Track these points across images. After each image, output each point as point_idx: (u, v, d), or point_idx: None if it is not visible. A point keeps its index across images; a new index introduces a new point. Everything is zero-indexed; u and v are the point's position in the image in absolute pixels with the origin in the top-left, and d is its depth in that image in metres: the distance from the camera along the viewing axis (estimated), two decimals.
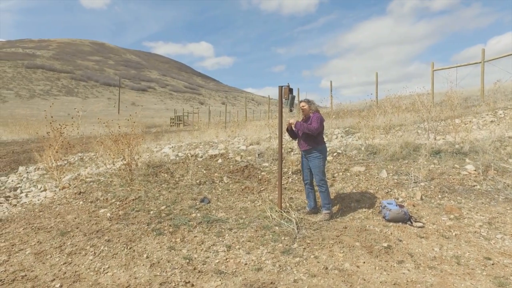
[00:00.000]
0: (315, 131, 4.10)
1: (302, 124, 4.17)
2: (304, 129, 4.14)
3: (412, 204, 4.69)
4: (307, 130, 4.12)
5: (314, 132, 4.11)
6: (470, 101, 13.22)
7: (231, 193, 5.25)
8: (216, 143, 9.10)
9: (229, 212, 4.49)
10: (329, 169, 6.02)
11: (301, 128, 4.17)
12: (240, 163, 6.39)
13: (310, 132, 4.12)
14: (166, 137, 15.26)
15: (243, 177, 5.75)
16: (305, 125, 4.14)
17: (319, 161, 4.23)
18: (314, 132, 4.11)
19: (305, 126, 4.13)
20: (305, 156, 4.38)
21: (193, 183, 5.55)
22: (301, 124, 4.18)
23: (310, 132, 4.14)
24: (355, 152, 6.69)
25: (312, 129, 4.10)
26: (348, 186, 5.32)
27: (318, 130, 4.12)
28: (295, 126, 4.23)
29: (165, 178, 5.84)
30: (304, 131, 4.17)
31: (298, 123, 4.20)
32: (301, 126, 4.16)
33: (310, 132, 4.12)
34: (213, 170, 6.16)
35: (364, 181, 5.47)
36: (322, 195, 4.29)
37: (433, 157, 6.34)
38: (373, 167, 6.00)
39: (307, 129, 4.12)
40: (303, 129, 4.15)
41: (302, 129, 4.16)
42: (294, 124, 4.23)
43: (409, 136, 7.45)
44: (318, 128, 4.11)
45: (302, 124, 4.17)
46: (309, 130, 4.12)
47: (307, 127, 4.12)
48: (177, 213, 4.41)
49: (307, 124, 4.17)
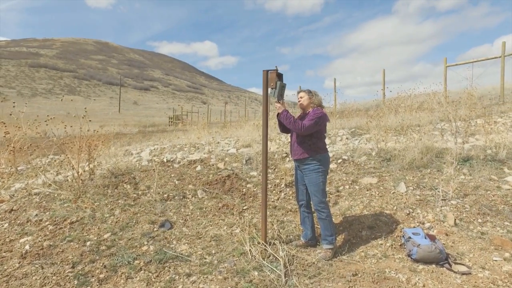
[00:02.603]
0: (303, 131, 2.91)
1: (287, 116, 2.96)
2: (288, 124, 2.95)
3: (445, 232, 3.45)
4: (292, 126, 2.93)
5: (302, 132, 2.93)
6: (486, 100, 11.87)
7: (204, 213, 4.05)
8: (204, 145, 7.92)
9: (195, 244, 3.29)
10: (333, 181, 4.79)
11: (284, 120, 2.98)
12: (222, 172, 5.18)
13: (296, 130, 2.94)
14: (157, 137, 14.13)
15: (223, 191, 4.55)
16: (290, 118, 2.94)
17: (317, 176, 3.01)
18: (302, 132, 2.93)
19: (291, 119, 2.93)
20: (299, 168, 3.18)
21: (158, 198, 4.36)
22: (286, 115, 2.97)
23: (296, 131, 2.95)
24: (364, 159, 5.46)
25: (299, 127, 2.90)
26: (357, 205, 4.09)
27: (308, 130, 2.92)
28: (279, 116, 3.04)
29: (126, 190, 4.65)
30: (288, 126, 2.97)
31: (284, 113, 3.00)
32: (286, 118, 2.96)
33: (296, 130, 2.94)
34: (188, 180, 4.96)
35: (378, 198, 4.24)
36: (322, 223, 3.07)
37: (462, 165, 5.09)
38: (387, 178, 4.77)
39: (292, 125, 2.93)
40: (287, 123, 2.96)
41: (286, 122, 2.97)
42: (280, 112, 3.03)
43: (429, 139, 6.20)
44: (308, 128, 2.91)
45: (287, 115, 2.96)
46: (294, 127, 2.92)
47: (293, 123, 2.92)
48: (122, 244, 3.21)
49: (295, 118, 2.97)
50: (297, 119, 2.95)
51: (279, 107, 3.02)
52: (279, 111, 3.02)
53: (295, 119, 2.92)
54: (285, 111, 2.97)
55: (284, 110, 2.99)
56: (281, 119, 2.98)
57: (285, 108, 3.02)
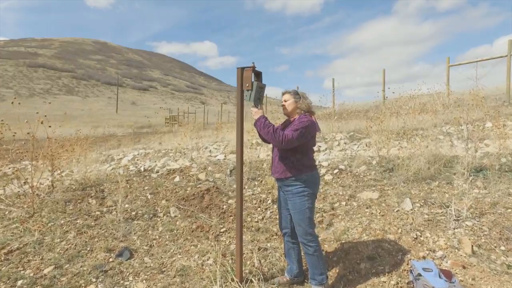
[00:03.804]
0: (284, 143, 2.27)
1: (265, 124, 2.32)
2: (266, 134, 2.31)
3: (461, 264, 2.84)
4: (271, 137, 2.29)
5: (283, 145, 2.29)
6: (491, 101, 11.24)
7: (175, 236, 3.43)
8: (191, 150, 7.32)
9: (155, 281, 2.67)
10: (327, 195, 4.17)
11: (262, 130, 2.34)
12: (202, 184, 4.57)
13: (276, 142, 2.30)
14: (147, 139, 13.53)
15: (200, 208, 3.93)
16: (269, 127, 2.30)
17: (302, 201, 2.39)
18: (283, 145, 2.29)
19: (269, 128, 2.30)
20: (281, 189, 2.56)
21: (124, 217, 3.74)
22: (264, 123, 2.33)
23: (276, 144, 2.32)
24: (363, 169, 4.84)
25: (280, 138, 2.26)
26: (355, 226, 3.47)
27: (290, 143, 2.28)
28: (254, 123, 2.42)
29: (89, 207, 4.04)
30: (266, 137, 2.34)
31: (261, 120, 2.36)
32: (263, 126, 2.33)
33: (276, 142, 2.30)
34: (162, 194, 4.34)
35: (379, 217, 3.62)
36: (310, 259, 2.45)
37: (475, 176, 4.48)
38: (390, 192, 4.16)
39: (271, 136, 2.28)
40: (264, 132, 2.32)
41: (263, 132, 2.34)
42: (256, 119, 2.41)
43: (436, 146, 5.59)
44: (291, 140, 2.27)
45: (265, 123, 2.33)
46: (274, 138, 2.28)
47: (272, 133, 2.28)
48: (64, 283, 2.60)
49: (275, 128, 2.34)
50: (278, 129, 2.33)
51: (256, 113, 2.40)
52: (255, 117, 2.40)
53: (276, 129, 2.30)
54: (263, 118, 2.35)
55: (261, 116, 2.37)
56: (258, 127, 2.36)
57: (263, 114, 2.41)
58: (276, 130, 2.28)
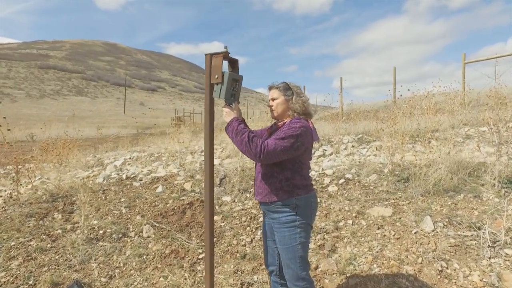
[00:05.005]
0: (263, 156, 1.61)
1: (238, 130, 1.67)
2: (240, 143, 1.66)
3: None
4: (245, 148, 1.63)
5: (261, 158, 1.62)
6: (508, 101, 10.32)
7: (143, 263, 2.82)
8: (184, 154, 6.74)
9: None
10: (331, 212, 3.51)
11: (234, 137, 1.69)
12: (186, 196, 3.96)
13: (251, 155, 1.63)
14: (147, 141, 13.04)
15: (179, 226, 3.32)
16: (243, 133, 1.65)
17: (292, 235, 1.76)
18: (261, 158, 1.62)
19: (243, 135, 1.64)
20: (267, 215, 1.92)
21: (87, 237, 3.16)
22: (237, 128, 1.68)
23: (251, 156, 1.64)
24: (374, 178, 4.17)
25: (257, 149, 1.61)
26: (363, 254, 2.81)
27: (272, 156, 1.63)
28: (226, 128, 1.76)
29: (52, 223, 3.47)
30: (239, 147, 1.68)
31: (233, 124, 1.71)
32: (236, 133, 1.68)
33: (251, 155, 1.63)
34: (139, 208, 3.75)
35: (393, 241, 2.96)
36: None
37: (508, 188, 3.76)
38: (406, 208, 3.48)
39: (245, 147, 1.63)
40: (237, 141, 1.67)
41: (235, 140, 1.69)
42: (228, 122, 1.76)
43: (459, 150, 4.87)
44: (274, 152, 1.62)
45: (238, 129, 1.68)
46: (248, 149, 1.62)
47: (247, 142, 1.62)
48: None
49: (252, 134, 1.67)
50: (256, 136, 1.68)
51: (227, 114, 1.78)
52: (226, 120, 1.77)
53: (252, 136, 1.65)
54: (236, 121, 1.72)
55: (234, 119, 1.73)
56: (230, 134, 1.72)
57: (238, 115, 1.78)
58: (253, 138, 1.64)
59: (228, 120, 1.74)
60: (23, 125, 20.28)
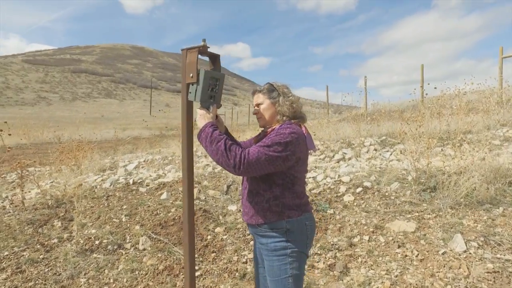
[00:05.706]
0: (242, 168, 1.30)
1: (212, 137, 1.36)
2: (215, 153, 1.34)
3: None
4: (221, 158, 1.32)
5: (240, 171, 1.31)
6: None
7: (134, 280, 2.60)
8: (200, 156, 6.58)
9: None
10: (345, 225, 3.14)
11: (208, 146, 1.37)
12: None
13: (227, 166, 1.32)
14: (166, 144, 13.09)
15: (178, 238, 3.09)
16: (219, 141, 1.34)
17: (282, 265, 1.44)
18: (240, 171, 1.31)
19: (219, 143, 1.34)
20: (257, 239, 1.62)
21: (81, 248, 2.99)
22: (211, 135, 1.38)
23: (228, 168, 1.33)
24: (396, 186, 3.74)
25: (236, 159, 1.30)
26: (379, 278, 2.44)
27: (253, 168, 1.32)
28: (198, 135, 1.44)
29: (50, 232, 3.35)
30: (214, 158, 1.36)
31: (206, 130, 1.41)
32: (211, 140, 1.37)
33: (227, 166, 1.32)
34: (139, 216, 3.55)
35: (416, 262, 2.56)
36: None
37: None
38: (432, 222, 3.05)
39: (221, 156, 1.32)
40: (211, 151, 1.36)
41: (209, 150, 1.37)
42: (201, 128, 1.45)
43: (496, 155, 4.31)
44: (256, 163, 1.31)
45: (212, 136, 1.37)
46: (226, 159, 1.31)
47: (224, 151, 1.32)
48: None
49: (229, 142, 1.36)
50: (234, 144, 1.38)
51: (201, 118, 1.49)
52: (199, 124, 1.48)
53: (230, 144, 1.35)
54: (210, 127, 1.42)
55: (208, 124, 1.43)
56: (202, 143, 1.43)
57: (212, 120, 1.49)
58: (231, 146, 1.33)
59: (202, 126, 1.45)
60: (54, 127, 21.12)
